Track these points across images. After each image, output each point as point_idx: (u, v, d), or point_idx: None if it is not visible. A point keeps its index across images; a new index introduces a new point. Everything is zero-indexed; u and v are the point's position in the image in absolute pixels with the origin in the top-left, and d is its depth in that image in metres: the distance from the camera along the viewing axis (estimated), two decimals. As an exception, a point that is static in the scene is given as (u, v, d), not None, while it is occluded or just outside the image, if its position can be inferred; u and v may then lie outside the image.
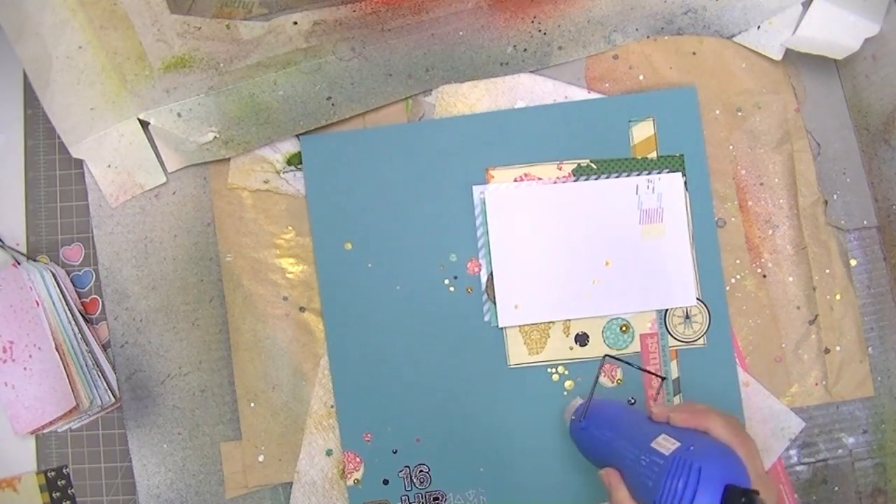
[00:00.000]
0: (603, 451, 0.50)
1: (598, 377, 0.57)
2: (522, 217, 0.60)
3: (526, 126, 0.61)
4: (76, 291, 0.63)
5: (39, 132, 0.65)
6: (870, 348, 0.60)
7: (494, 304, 0.59)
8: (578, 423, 0.54)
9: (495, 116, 0.61)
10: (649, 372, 0.58)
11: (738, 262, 0.61)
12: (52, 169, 0.64)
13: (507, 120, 0.61)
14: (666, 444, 0.44)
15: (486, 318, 0.60)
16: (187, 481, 0.61)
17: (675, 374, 0.60)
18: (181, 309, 0.61)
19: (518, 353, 0.60)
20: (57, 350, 0.60)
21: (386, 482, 0.59)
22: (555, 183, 0.60)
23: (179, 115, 0.61)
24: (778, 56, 0.61)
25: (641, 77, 0.62)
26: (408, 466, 0.59)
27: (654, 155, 0.61)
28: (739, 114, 0.61)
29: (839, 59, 0.59)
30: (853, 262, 0.61)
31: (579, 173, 0.60)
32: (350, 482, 0.59)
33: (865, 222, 0.61)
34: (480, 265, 0.60)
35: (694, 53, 0.62)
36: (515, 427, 0.59)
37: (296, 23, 0.61)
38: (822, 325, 0.60)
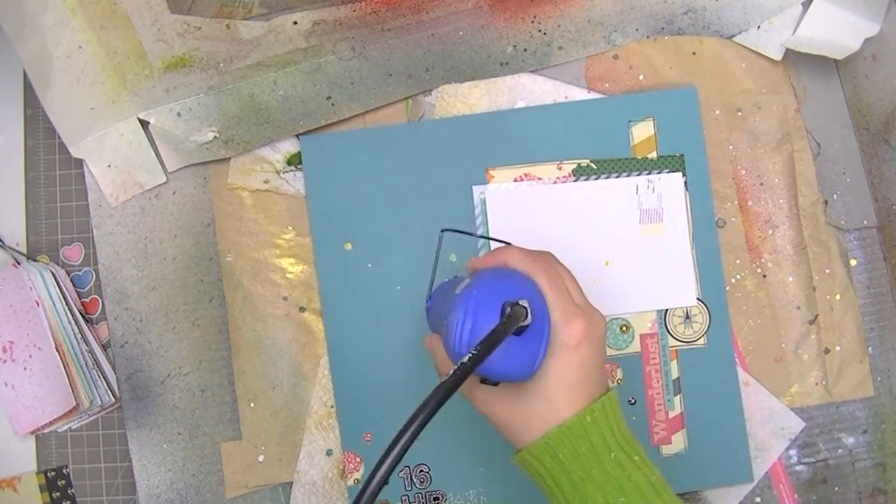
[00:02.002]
0: (437, 324, 0.49)
1: (437, 254, 0.54)
2: (522, 217, 0.60)
3: (526, 126, 0.61)
4: (76, 291, 0.63)
5: (39, 132, 0.65)
6: (870, 348, 0.60)
7: (494, 304, 0.59)
8: (426, 307, 0.53)
9: (495, 116, 0.61)
10: (494, 239, 0.54)
11: (738, 262, 0.61)
12: (52, 169, 0.64)
13: (507, 120, 0.61)
14: (461, 286, 0.43)
15: (486, 318, 0.60)
16: (187, 481, 0.61)
17: (675, 374, 0.60)
18: (181, 309, 0.61)
19: (518, 353, 0.60)
20: (57, 350, 0.60)
21: (386, 482, 0.59)
22: (555, 183, 0.60)
23: (179, 114, 0.61)
24: (778, 56, 0.61)
25: (641, 77, 0.62)
26: (408, 466, 0.59)
27: (654, 155, 0.61)
28: (739, 114, 0.61)
29: (839, 59, 0.59)
30: (853, 262, 0.61)
31: (579, 173, 0.60)
32: (350, 482, 0.59)
33: (865, 222, 0.61)
34: (480, 265, 0.60)
35: (694, 53, 0.62)
36: (515, 427, 0.59)
37: (296, 23, 0.61)
38: (822, 325, 0.60)
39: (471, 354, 0.37)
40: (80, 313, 0.62)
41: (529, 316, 0.40)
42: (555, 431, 0.42)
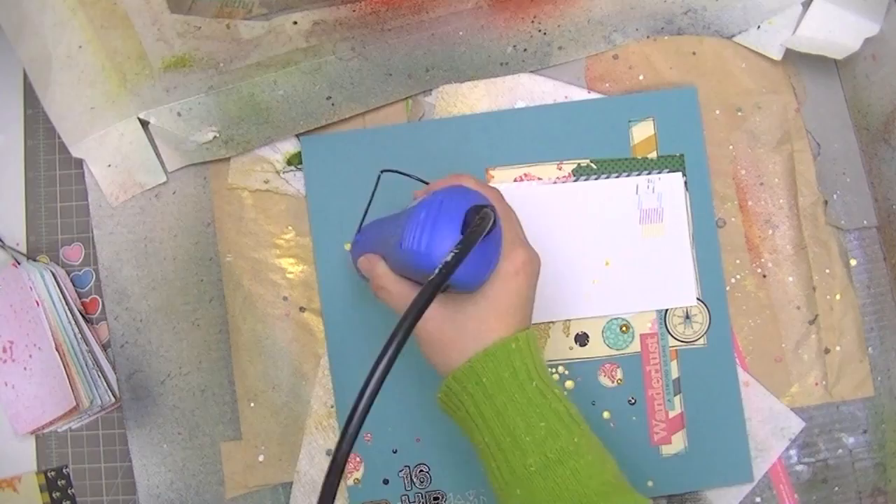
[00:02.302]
0: (371, 247, 0.50)
1: (373, 193, 0.54)
2: (522, 217, 0.60)
3: (526, 126, 0.61)
4: (76, 291, 0.63)
5: (39, 132, 0.65)
6: (870, 348, 0.60)
7: (494, 303, 0.59)
8: (354, 240, 0.53)
9: (495, 116, 0.61)
10: (414, 177, 0.53)
11: (738, 262, 0.61)
12: (52, 169, 0.64)
13: (507, 120, 0.61)
14: (413, 203, 0.45)
15: (486, 318, 0.60)
16: (187, 481, 0.61)
17: (675, 374, 0.60)
18: (181, 309, 0.61)
19: (518, 353, 0.60)
20: (57, 350, 0.60)
21: (386, 482, 0.59)
22: (555, 183, 0.60)
23: (179, 114, 0.61)
24: (778, 56, 0.61)
25: (641, 77, 0.62)
26: (408, 466, 0.59)
27: (654, 155, 0.61)
28: (739, 114, 0.61)
29: (839, 59, 0.59)
30: (853, 262, 0.61)
31: (579, 173, 0.60)
32: (350, 482, 0.59)
33: (865, 222, 0.61)
34: (480, 265, 0.60)
35: (694, 53, 0.62)
36: (515, 427, 0.59)
37: (296, 23, 0.61)
38: (822, 325, 0.60)
39: (454, 252, 0.38)
40: (80, 313, 0.62)
41: (496, 220, 0.42)
42: (480, 354, 0.43)
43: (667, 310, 0.60)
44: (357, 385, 0.36)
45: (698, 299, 0.60)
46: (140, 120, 0.61)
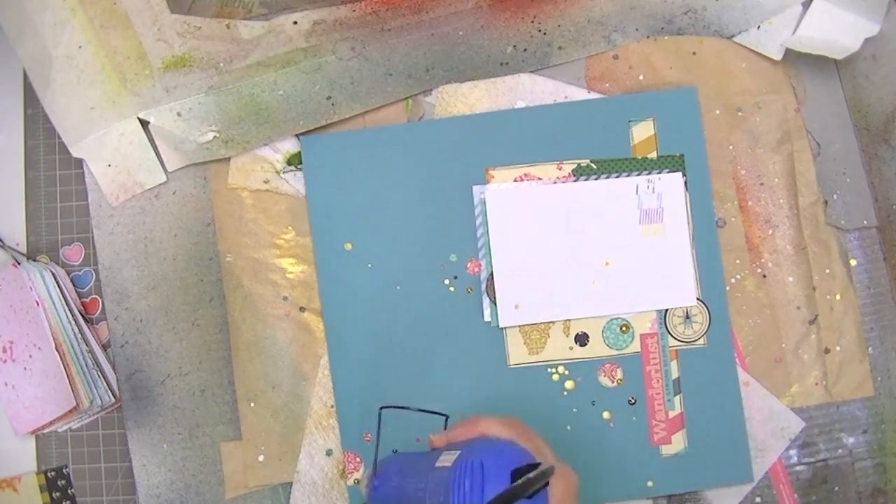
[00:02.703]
0: (396, 501, 0.49)
1: (379, 431, 0.53)
2: (522, 217, 0.60)
3: (526, 126, 0.61)
4: (76, 291, 0.63)
5: (39, 132, 0.65)
6: (870, 348, 0.60)
7: (494, 303, 0.59)
8: (372, 485, 0.51)
9: (495, 116, 0.61)
10: (431, 412, 0.53)
11: (738, 262, 0.61)
12: (52, 169, 0.64)
13: (507, 120, 0.61)
14: (447, 458, 0.44)
15: (486, 318, 0.60)
16: (187, 481, 0.61)
17: (675, 374, 0.60)
18: (181, 309, 0.61)
19: (518, 353, 0.60)
20: (57, 350, 0.60)
21: None
22: (555, 183, 0.60)
23: (179, 114, 0.61)
24: (778, 56, 0.61)
25: (641, 77, 0.62)
26: (408, 466, 0.59)
27: (654, 155, 0.61)
28: (739, 114, 0.61)
29: (839, 59, 0.59)
30: (853, 262, 0.61)
31: (579, 173, 0.60)
32: (350, 482, 0.59)
33: (865, 222, 0.61)
34: (480, 265, 0.60)
35: (694, 53, 0.62)
36: (515, 427, 0.59)
37: (296, 23, 0.61)
38: (822, 325, 0.60)
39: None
40: (80, 313, 0.62)
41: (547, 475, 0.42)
42: None
43: (667, 310, 0.60)
44: (357, 385, 0.36)
45: (698, 299, 0.60)
46: (140, 120, 0.61)
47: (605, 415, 0.59)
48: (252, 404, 0.61)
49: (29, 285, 0.60)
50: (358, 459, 0.59)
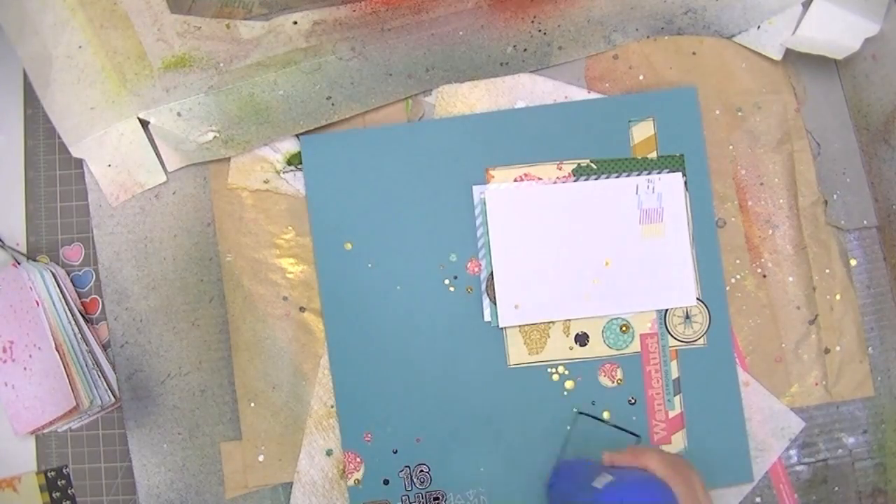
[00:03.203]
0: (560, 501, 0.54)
1: (569, 434, 0.59)
2: (522, 217, 0.60)
3: (526, 126, 0.61)
4: (76, 291, 0.63)
5: (39, 132, 0.65)
6: (870, 348, 0.60)
7: (494, 304, 0.60)
8: (550, 482, 0.58)
9: (495, 116, 0.61)
10: (623, 429, 0.58)
11: (738, 262, 0.61)
12: (52, 169, 0.64)
13: (507, 120, 0.61)
14: (602, 480, 0.47)
15: (486, 318, 0.60)
16: (187, 481, 0.61)
17: (675, 374, 0.60)
18: (181, 309, 0.61)
19: (518, 353, 0.60)
20: (57, 350, 0.60)
21: (386, 482, 0.59)
22: (555, 183, 0.60)
23: (179, 114, 0.61)
24: (778, 56, 0.61)
25: (641, 77, 0.62)
26: (408, 466, 0.59)
27: (654, 155, 0.61)
28: (739, 114, 0.62)
29: (839, 59, 0.59)
30: (853, 262, 0.61)
31: (579, 173, 0.60)
32: (350, 482, 0.59)
33: (865, 222, 0.61)
34: (480, 265, 0.60)
35: (694, 53, 0.62)
36: (515, 427, 0.59)
37: (296, 23, 0.61)
38: (822, 325, 0.60)
39: None
40: (80, 313, 0.62)
41: None
42: None
43: (667, 310, 0.60)
44: (357, 385, 0.36)
45: (698, 299, 0.60)
46: (140, 120, 0.61)
47: (605, 415, 0.59)
48: (252, 404, 0.61)
49: (29, 285, 0.60)
50: (358, 460, 0.59)
